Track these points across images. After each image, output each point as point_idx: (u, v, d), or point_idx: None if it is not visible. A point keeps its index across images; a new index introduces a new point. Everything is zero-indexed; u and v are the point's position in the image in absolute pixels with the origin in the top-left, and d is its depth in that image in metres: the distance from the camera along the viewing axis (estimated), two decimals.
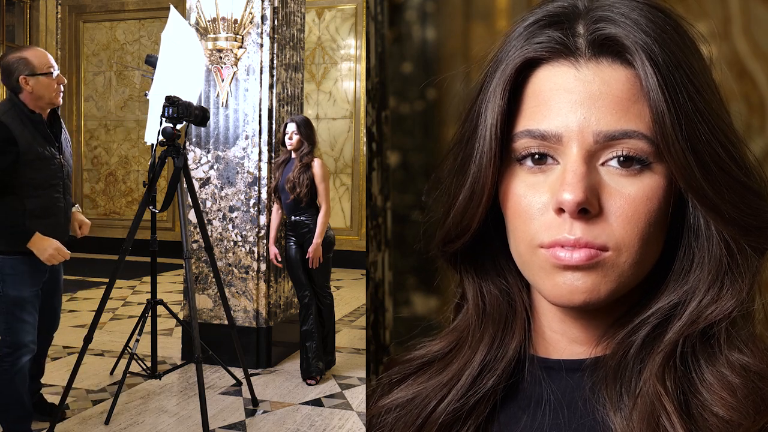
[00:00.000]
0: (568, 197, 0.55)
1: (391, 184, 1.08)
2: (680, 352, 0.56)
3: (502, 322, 0.68)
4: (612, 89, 0.56)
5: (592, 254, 0.56)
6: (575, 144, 0.56)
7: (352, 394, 3.73)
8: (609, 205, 0.56)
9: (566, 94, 0.57)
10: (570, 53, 0.58)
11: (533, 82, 0.60)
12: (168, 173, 5.59)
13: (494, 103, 0.60)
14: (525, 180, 0.60)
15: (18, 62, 2.70)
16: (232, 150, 4.22)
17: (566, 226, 0.56)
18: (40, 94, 2.72)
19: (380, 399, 0.73)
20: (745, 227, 0.56)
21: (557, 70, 0.58)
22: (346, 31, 8.56)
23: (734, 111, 0.60)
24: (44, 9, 9.17)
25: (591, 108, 0.56)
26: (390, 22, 1.06)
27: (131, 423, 3.25)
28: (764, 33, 0.91)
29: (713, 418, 0.53)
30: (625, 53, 0.56)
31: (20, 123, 2.67)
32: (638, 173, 0.56)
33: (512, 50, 0.60)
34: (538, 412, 0.63)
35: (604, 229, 0.56)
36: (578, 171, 0.55)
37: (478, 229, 0.64)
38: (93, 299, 6.13)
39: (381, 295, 1.07)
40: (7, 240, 2.71)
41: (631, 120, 0.56)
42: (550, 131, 0.57)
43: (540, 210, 0.58)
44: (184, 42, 3.76)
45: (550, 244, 0.57)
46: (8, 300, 2.69)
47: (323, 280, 3.93)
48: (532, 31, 0.60)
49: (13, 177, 2.64)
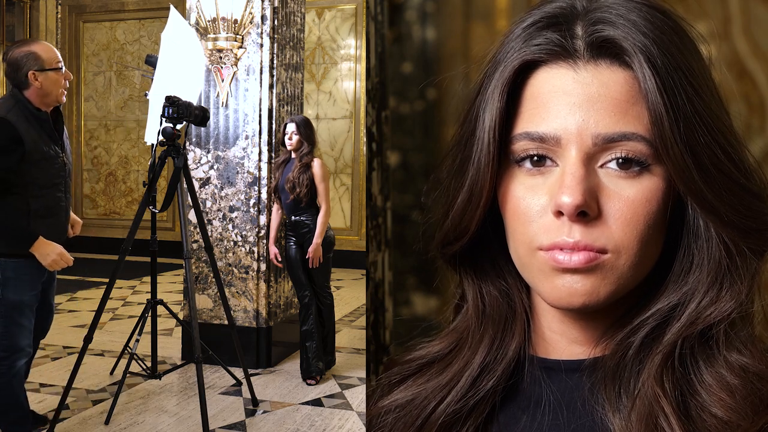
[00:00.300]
0: (566, 200, 0.55)
1: (391, 184, 1.08)
2: (679, 353, 0.56)
3: (501, 323, 0.68)
4: (610, 91, 0.56)
5: (591, 257, 0.56)
6: (574, 146, 0.56)
7: (352, 394, 3.73)
8: (608, 208, 0.56)
9: (565, 96, 0.57)
10: (568, 55, 0.58)
11: (531, 84, 0.59)
12: (168, 173, 5.60)
13: (492, 105, 0.60)
14: (524, 182, 0.60)
15: (27, 57, 2.59)
16: (232, 150, 4.22)
17: (565, 228, 0.56)
18: (48, 91, 2.63)
19: (380, 400, 0.73)
20: (744, 229, 0.56)
21: (555, 72, 0.58)
22: (346, 31, 8.56)
23: (734, 111, 0.60)
24: (44, 9, 9.17)
25: (589, 110, 0.56)
26: (390, 22, 1.06)
27: (131, 423, 3.25)
28: (764, 33, 0.91)
29: (712, 419, 0.53)
30: (624, 55, 0.56)
31: (25, 121, 2.57)
32: (637, 175, 0.56)
33: (510, 52, 0.60)
34: (538, 412, 0.63)
35: (603, 231, 0.56)
36: (577, 174, 0.55)
37: (477, 231, 0.64)
38: (93, 299, 6.13)
39: (381, 295, 1.07)
40: (9, 242, 2.64)
41: (630, 122, 0.56)
42: (549, 134, 0.57)
43: (539, 212, 0.58)
44: (184, 42, 3.76)
45: (549, 247, 0.57)
46: (8, 304, 2.62)
47: (323, 280, 3.94)
48: (530, 33, 0.60)
49: (17, 176, 2.55)
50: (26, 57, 2.59)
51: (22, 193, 2.59)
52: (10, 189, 2.55)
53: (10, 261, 2.61)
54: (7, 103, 2.60)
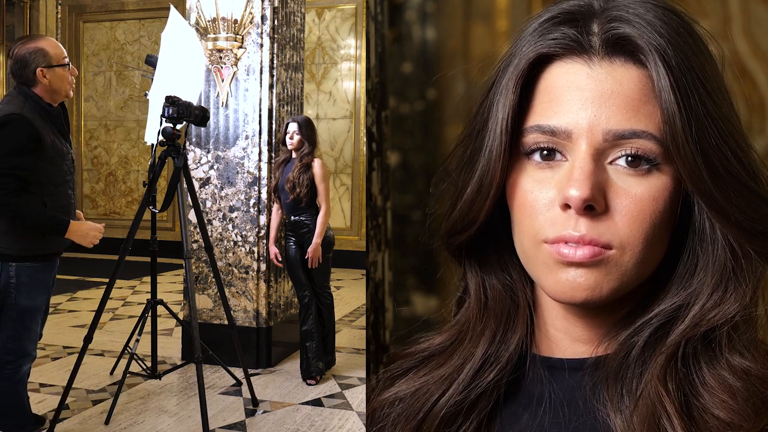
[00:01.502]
0: (574, 193, 0.55)
1: (391, 184, 1.08)
2: (682, 354, 0.56)
3: (504, 317, 0.68)
4: (624, 89, 0.56)
5: (596, 252, 0.56)
6: (584, 141, 0.56)
7: (352, 394, 3.73)
8: (615, 204, 0.56)
9: (578, 91, 0.57)
10: (584, 51, 0.58)
11: (545, 78, 0.60)
12: (168, 173, 5.59)
13: (506, 98, 0.60)
14: (532, 175, 0.60)
15: (35, 53, 2.55)
16: (232, 150, 4.22)
17: (571, 222, 0.56)
18: (57, 87, 2.59)
19: (381, 393, 0.74)
20: (751, 232, 0.56)
21: (570, 67, 0.58)
22: (346, 31, 8.56)
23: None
24: (44, 9, 9.17)
25: (602, 106, 0.56)
26: (390, 22, 1.06)
27: (131, 423, 3.25)
28: (764, 33, 0.91)
29: (714, 420, 0.53)
30: (639, 53, 0.56)
31: (40, 117, 2.52)
32: (646, 173, 0.56)
33: (526, 45, 0.61)
34: (539, 410, 0.63)
35: (609, 227, 0.56)
36: (586, 168, 0.56)
37: (485, 222, 0.65)
38: (93, 299, 6.13)
39: (381, 295, 1.07)
40: (33, 241, 2.54)
41: (641, 120, 0.56)
42: (560, 127, 0.57)
43: (546, 205, 0.58)
44: (184, 42, 3.76)
45: (555, 240, 0.57)
46: (20, 309, 2.57)
47: (323, 280, 3.93)
48: (546, 28, 0.60)
49: (34, 175, 2.49)
50: (34, 53, 2.55)
51: (38, 192, 2.53)
52: (27, 188, 2.48)
53: (24, 266, 2.55)
54: (17, 100, 2.53)
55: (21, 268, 2.55)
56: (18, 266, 2.54)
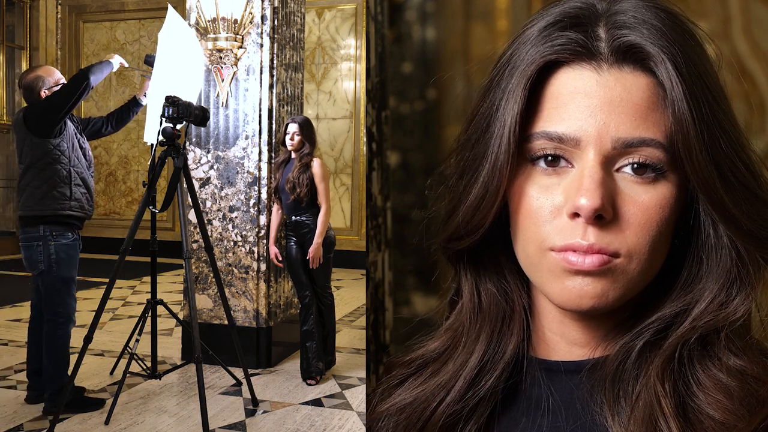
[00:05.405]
0: (585, 203, 0.55)
1: (391, 184, 1.08)
2: (678, 355, 0.56)
3: (499, 322, 0.67)
4: (632, 96, 0.56)
5: (604, 260, 0.56)
6: (593, 149, 0.56)
7: (352, 394, 3.73)
8: (623, 212, 0.56)
9: (586, 98, 0.57)
10: (592, 57, 0.57)
11: (552, 84, 0.59)
12: (168, 173, 5.60)
13: (514, 103, 0.59)
14: (538, 182, 0.59)
15: (36, 80, 3.33)
16: (232, 150, 4.22)
17: (579, 230, 0.56)
18: None
19: (380, 404, 0.73)
20: (761, 239, 0.57)
21: (578, 74, 0.58)
22: (346, 31, 8.56)
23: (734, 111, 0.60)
24: (44, 9, 9.18)
25: (611, 114, 0.56)
26: (390, 22, 1.06)
27: (131, 423, 3.25)
28: (764, 33, 0.91)
29: (709, 420, 0.53)
30: (649, 61, 0.56)
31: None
32: (652, 181, 0.56)
33: (531, 51, 0.59)
34: (537, 414, 0.63)
35: (617, 235, 0.56)
36: (596, 176, 0.55)
37: (489, 228, 0.64)
38: (93, 299, 6.13)
39: (381, 295, 1.07)
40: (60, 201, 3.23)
41: (649, 128, 0.56)
42: (569, 134, 0.57)
43: (552, 212, 0.58)
44: (183, 42, 3.76)
45: (562, 248, 0.57)
46: (60, 280, 3.25)
47: (324, 280, 3.94)
48: (550, 32, 0.59)
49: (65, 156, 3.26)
50: (36, 80, 3.34)
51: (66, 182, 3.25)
52: (59, 159, 3.24)
53: (59, 244, 3.23)
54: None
55: (58, 246, 3.23)
56: (55, 245, 3.22)
